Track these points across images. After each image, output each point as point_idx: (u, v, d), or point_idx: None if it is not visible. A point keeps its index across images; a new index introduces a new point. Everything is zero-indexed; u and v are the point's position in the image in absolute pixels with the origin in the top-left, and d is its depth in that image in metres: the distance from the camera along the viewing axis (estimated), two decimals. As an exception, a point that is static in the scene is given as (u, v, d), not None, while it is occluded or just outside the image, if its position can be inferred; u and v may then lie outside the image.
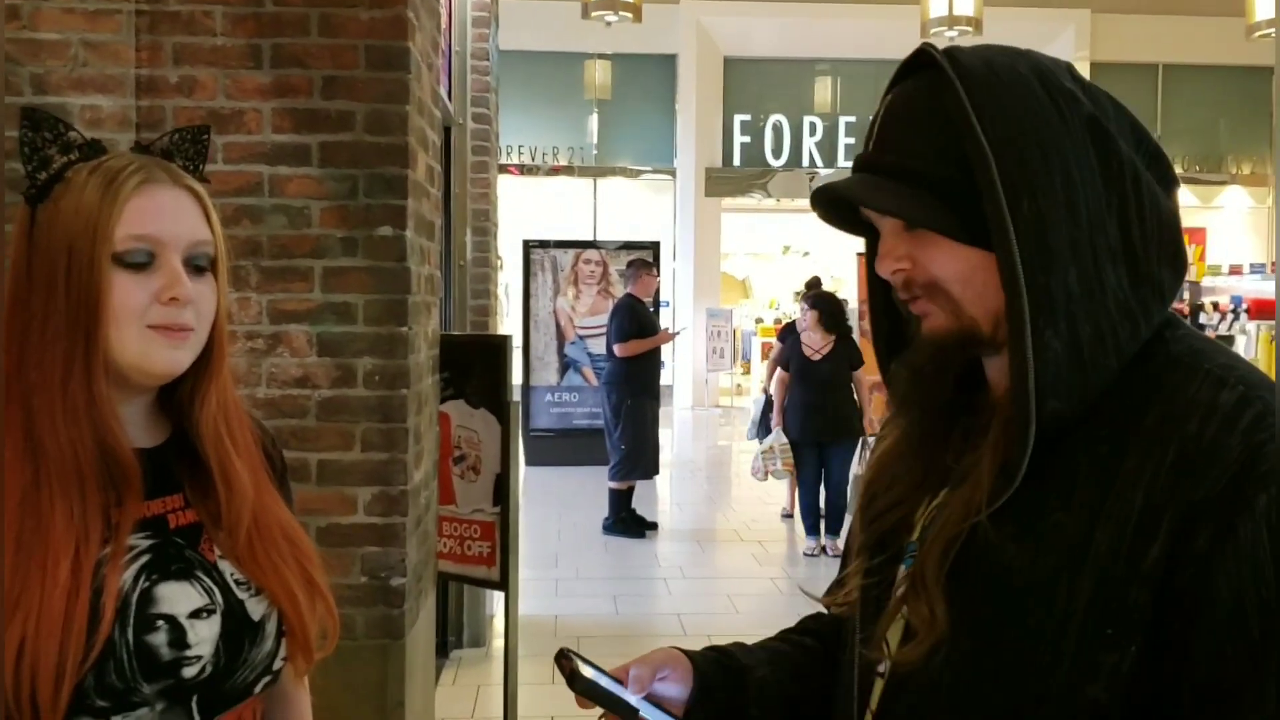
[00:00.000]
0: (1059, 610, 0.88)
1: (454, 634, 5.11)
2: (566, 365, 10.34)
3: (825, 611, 1.19)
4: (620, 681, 1.05)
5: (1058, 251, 0.90)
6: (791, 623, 1.25)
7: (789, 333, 7.38)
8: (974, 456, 0.96)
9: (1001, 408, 0.96)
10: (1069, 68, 0.98)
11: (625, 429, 7.44)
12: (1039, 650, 0.88)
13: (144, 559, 1.13)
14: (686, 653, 1.13)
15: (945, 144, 0.93)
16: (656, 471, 7.84)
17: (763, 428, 7.74)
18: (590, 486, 8.56)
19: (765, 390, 7.99)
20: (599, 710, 1.05)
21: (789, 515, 7.87)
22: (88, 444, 1.10)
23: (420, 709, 2.98)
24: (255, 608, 1.19)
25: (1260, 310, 11.76)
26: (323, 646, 1.28)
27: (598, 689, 1.01)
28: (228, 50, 2.57)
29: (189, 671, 1.12)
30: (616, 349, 7.48)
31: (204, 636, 1.13)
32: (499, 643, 5.34)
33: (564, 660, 1.01)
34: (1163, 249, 0.95)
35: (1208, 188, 15.51)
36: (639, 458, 7.48)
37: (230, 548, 1.19)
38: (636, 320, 7.52)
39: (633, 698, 1.02)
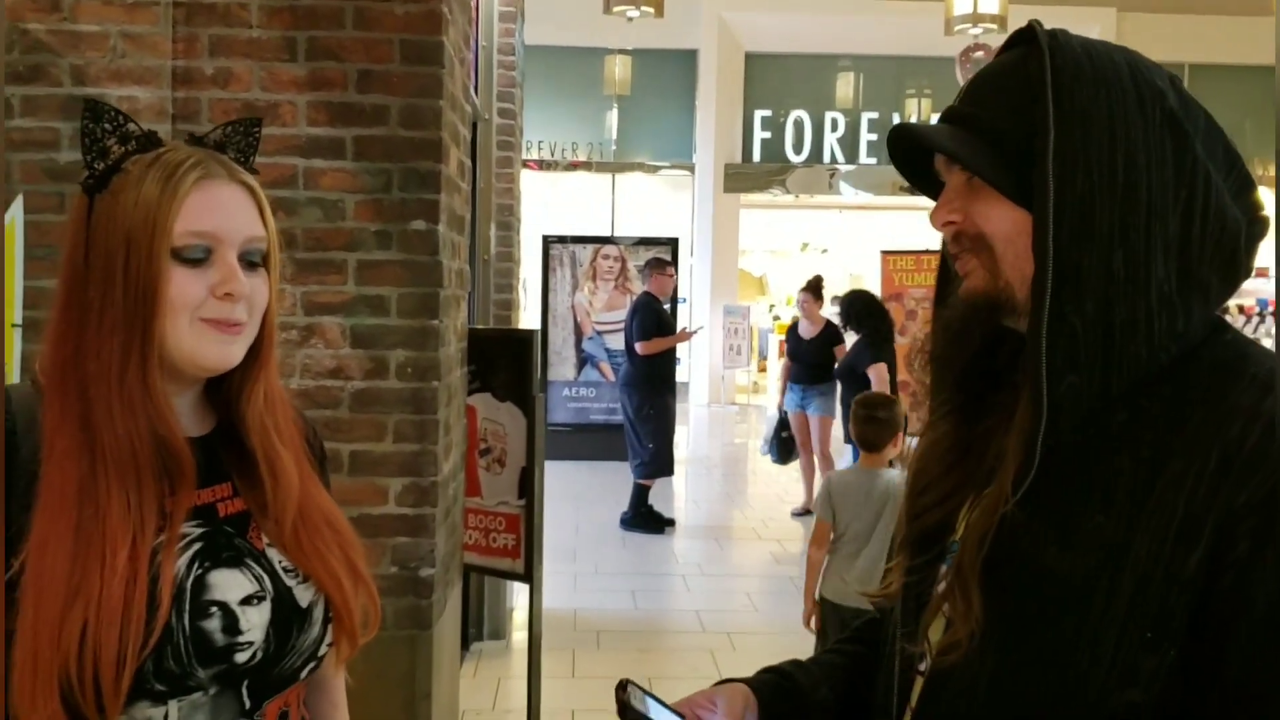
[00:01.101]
0: (1097, 613, 0.88)
1: (474, 627, 5.13)
2: (584, 360, 10.35)
3: (877, 616, 1.20)
4: (681, 715, 1.04)
5: (1102, 231, 0.91)
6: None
7: (791, 331, 7.96)
8: (1003, 443, 0.97)
9: (1024, 391, 0.97)
10: (1172, 77, 0.99)
11: (651, 428, 7.47)
12: (1077, 653, 0.89)
13: (196, 546, 1.15)
14: (747, 682, 1.13)
15: (1019, 105, 0.96)
16: (672, 471, 7.88)
17: (775, 447, 7.83)
18: (607, 482, 8.56)
19: (781, 409, 8.05)
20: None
21: (802, 513, 7.87)
22: (144, 434, 1.11)
23: (447, 700, 3.00)
24: (303, 594, 1.21)
25: (1282, 312, 11.68)
26: (365, 632, 1.30)
27: None
28: (263, 43, 2.59)
29: (241, 657, 1.14)
30: (638, 347, 7.49)
31: (255, 623, 1.16)
32: (519, 635, 5.36)
33: (620, 691, 1.00)
34: (1218, 253, 0.96)
35: (1231, 188, 15.40)
36: (665, 455, 7.53)
37: (277, 536, 1.21)
38: (656, 318, 7.54)
39: None
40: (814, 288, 7.83)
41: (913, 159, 1.08)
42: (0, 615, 1.02)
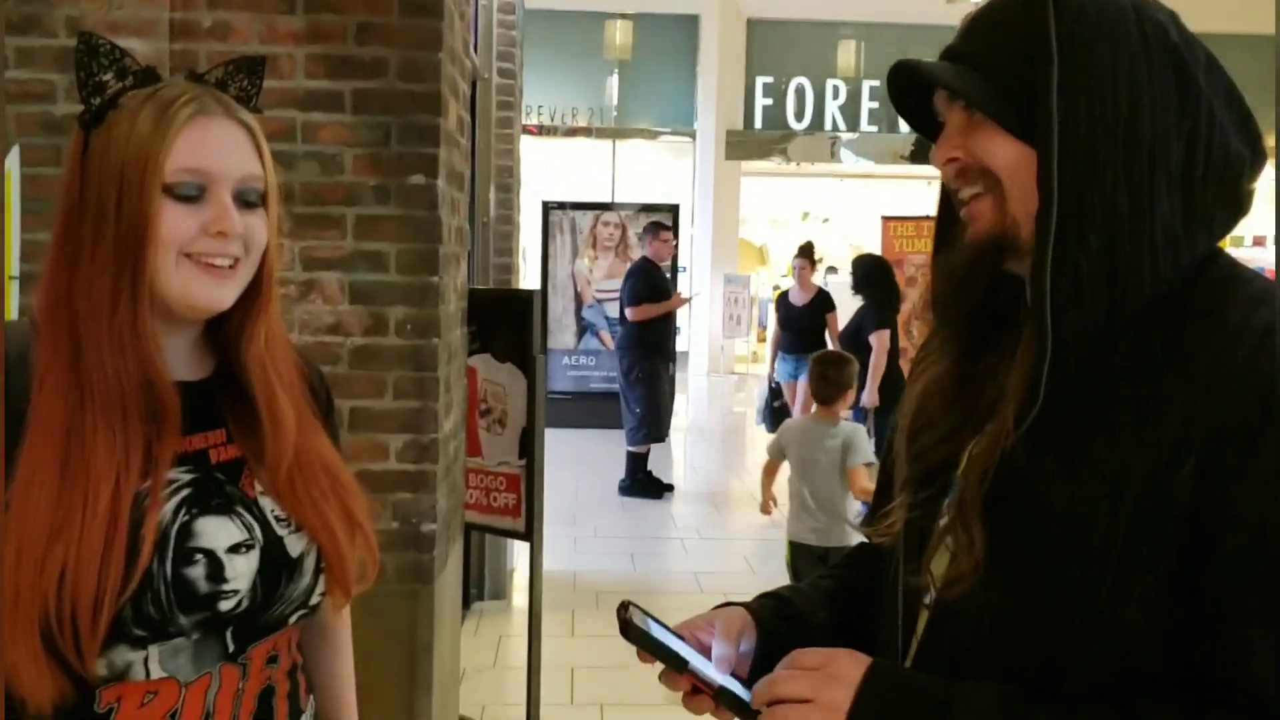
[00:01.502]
0: (1099, 536, 0.89)
1: (475, 587, 5.16)
2: (584, 328, 10.34)
3: (868, 543, 1.20)
4: (681, 637, 1.05)
5: (1105, 166, 0.91)
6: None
7: (782, 299, 7.83)
8: (1008, 379, 0.98)
9: (1029, 327, 0.97)
10: (1172, 13, 0.99)
11: (639, 393, 7.48)
12: (1079, 578, 0.90)
13: (184, 493, 1.14)
14: (746, 606, 1.14)
15: (1020, 39, 0.95)
16: (665, 436, 7.88)
17: (768, 416, 7.79)
18: (607, 449, 8.58)
19: (772, 379, 8.00)
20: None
21: None
22: (132, 375, 1.10)
23: (448, 654, 3.02)
24: (294, 544, 1.19)
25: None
26: (362, 581, 1.29)
27: (649, 640, 1.00)
28: (262, -5, 2.57)
29: (225, 605, 1.13)
30: (629, 312, 7.50)
31: (241, 571, 1.14)
32: (519, 596, 5.40)
33: (622, 610, 1.01)
34: (1222, 187, 0.96)
35: (1233, 157, 15.34)
36: (654, 421, 7.52)
37: (272, 483, 1.20)
38: (650, 283, 7.52)
39: (685, 650, 1.02)
40: (808, 253, 7.77)
41: (910, 101, 1.07)
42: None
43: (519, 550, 5.66)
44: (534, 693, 3.49)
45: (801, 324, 7.69)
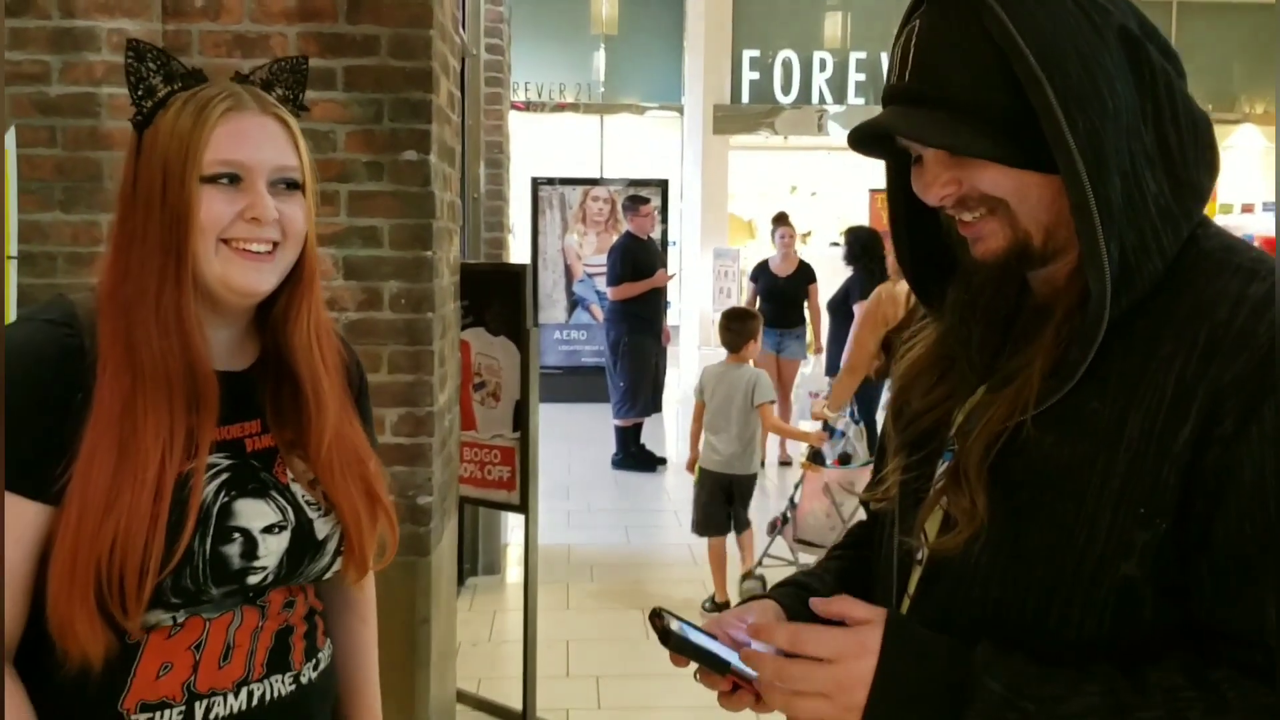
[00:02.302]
0: (1094, 492, 0.92)
1: (470, 562, 5.21)
2: (575, 303, 10.36)
3: (866, 519, 1.25)
4: (713, 636, 1.05)
5: (1108, 164, 0.92)
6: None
7: (762, 271, 7.73)
8: (1021, 359, 1.00)
9: (1055, 312, 0.99)
10: None
11: (623, 366, 7.51)
12: (1075, 531, 0.93)
13: (224, 476, 1.22)
14: (772, 597, 1.16)
15: (989, 68, 0.93)
16: (656, 409, 7.89)
17: None
18: (599, 423, 8.62)
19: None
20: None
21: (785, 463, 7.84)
22: (176, 359, 1.18)
23: (445, 626, 3.06)
24: (321, 527, 1.28)
25: (1271, 248, 11.73)
26: (380, 559, 1.38)
27: (688, 645, 1.01)
28: (252, -27, 2.58)
29: (254, 579, 1.23)
30: (609, 292, 7.52)
31: (273, 550, 1.23)
32: (513, 571, 5.44)
33: (656, 619, 1.01)
34: (1199, 154, 0.98)
35: (1221, 126, 15.34)
36: (638, 395, 7.54)
37: (314, 460, 1.27)
38: (630, 261, 7.52)
39: (724, 651, 1.03)
40: (787, 219, 7.72)
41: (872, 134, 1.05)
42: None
43: (513, 526, 5.70)
44: (530, 663, 3.54)
45: (786, 296, 7.69)
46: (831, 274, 7.85)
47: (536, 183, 10.26)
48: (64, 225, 2.58)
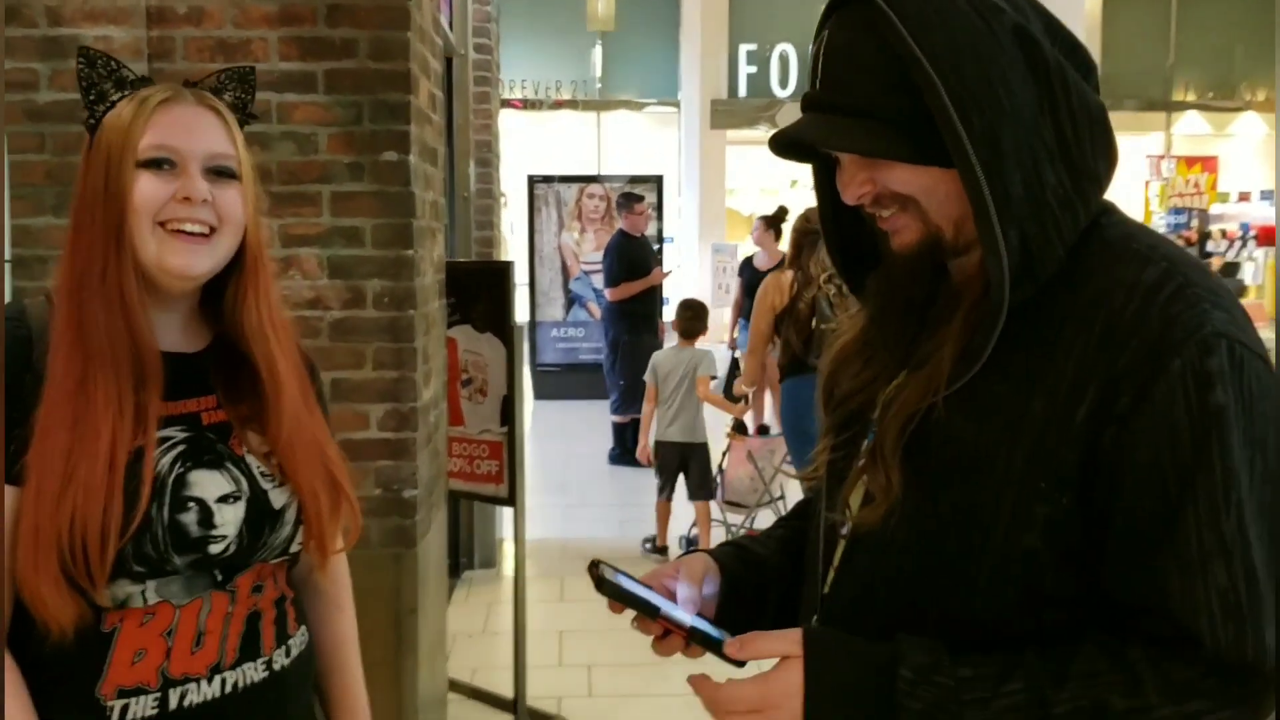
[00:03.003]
0: (1000, 470, 0.98)
1: (465, 556, 5.28)
2: (572, 300, 10.41)
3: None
4: (649, 587, 1.12)
5: (1007, 159, 0.98)
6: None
7: (746, 265, 7.85)
8: (934, 342, 1.06)
9: (964, 299, 1.05)
10: None
11: (622, 364, 7.56)
12: (982, 506, 0.99)
13: (180, 448, 1.27)
14: (709, 552, 1.23)
15: (890, 76, 1.00)
16: None
17: (729, 386, 7.75)
18: (596, 420, 8.68)
19: (733, 346, 7.94)
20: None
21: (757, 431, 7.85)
22: (121, 336, 1.23)
23: (433, 617, 3.13)
24: (277, 497, 1.32)
25: (1268, 237, 11.76)
26: (344, 543, 1.41)
27: (621, 591, 1.08)
28: (234, -20, 2.64)
29: (215, 549, 1.26)
30: (607, 293, 7.57)
31: (229, 519, 1.27)
32: (508, 564, 5.51)
33: (594, 569, 1.08)
34: (1095, 143, 1.03)
35: (1221, 114, 15.37)
36: (636, 392, 7.60)
37: (274, 441, 1.31)
38: (625, 261, 7.57)
39: (654, 598, 1.09)
40: (773, 220, 7.64)
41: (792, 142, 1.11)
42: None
43: (508, 521, 5.77)
44: (520, 651, 3.61)
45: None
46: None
47: (533, 180, 10.32)
48: (55, 229, 2.64)
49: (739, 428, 5.64)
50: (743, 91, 14.81)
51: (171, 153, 1.25)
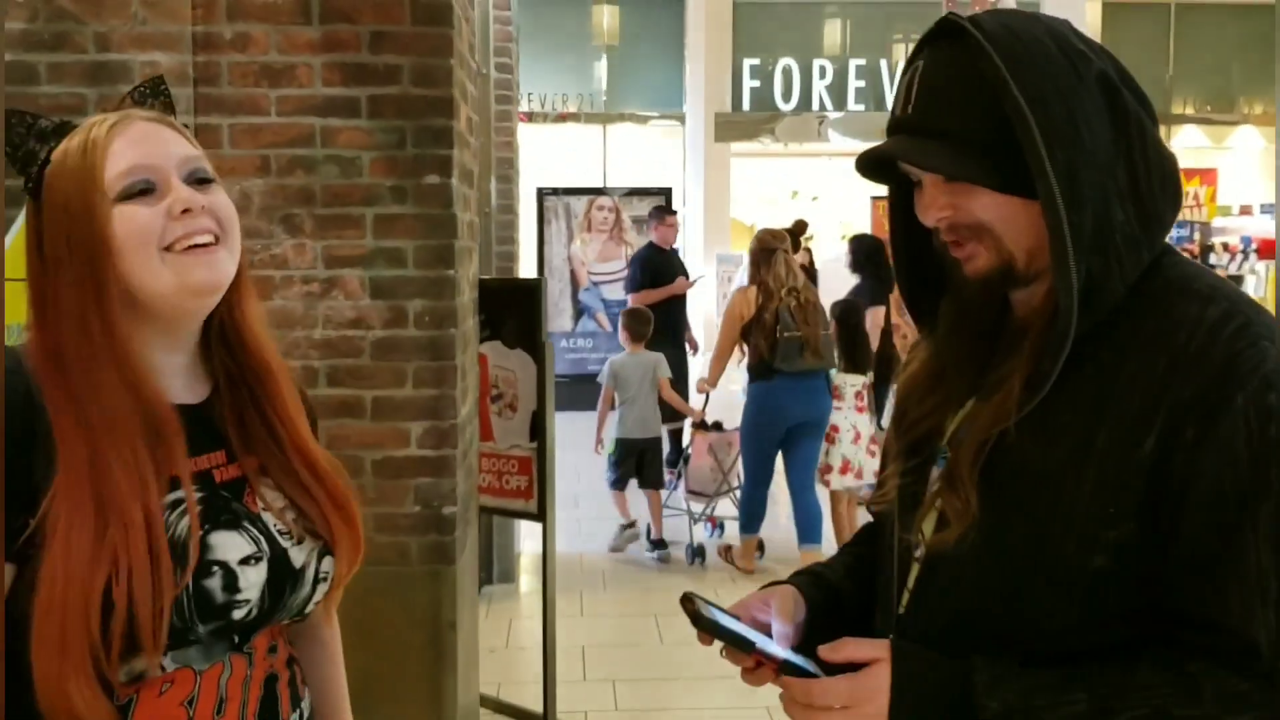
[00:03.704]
0: (1067, 494, 1.04)
1: (484, 570, 5.31)
2: (581, 311, 10.46)
3: (873, 521, 1.36)
4: (736, 617, 1.16)
5: (1083, 194, 1.04)
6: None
7: None
8: (1001, 372, 1.11)
9: (1031, 329, 1.10)
10: (1071, 27, 1.11)
11: None
12: (1051, 528, 1.05)
13: (198, 509, 1.17)
14: (791, 583, 1.28)
15: (981, 104, 1.05)
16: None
17: None
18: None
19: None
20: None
21: None
22: (123, 395, 1.12)
23: (469, 633, 3.16)
24: (297, 556, 1.23)
25: (1269, 250, 11.82)
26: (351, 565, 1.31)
27: (719, 628, 1.10)
28: (279, 7, 2.69)
29: (238, 614, 1.17)
30: (629, 299, 7.63)
31: (253, 582, 1.18)
32: (525, 579, 5.54)
33: (687, 604, 1.10)
34: (1164, 188, 1.09)
35: (1219, 128, 15.46)
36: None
37: (281, 482, 1.24)
38: (650, 270, 7.62)
39: (747, 632, 1.12)
40: (791, 234, 7.72)
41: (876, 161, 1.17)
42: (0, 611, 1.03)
43: (526, 535, 5.80)
44: (550, 666, 3.64)
45: None
46: (834, 279, 7.91)
47: (542, 193, 10.37)
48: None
49: (702, 425, 6.06)
50: (747, 104, 14.88)
51: (148, 171, 1.14)
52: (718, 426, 6.05)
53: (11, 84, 2.62)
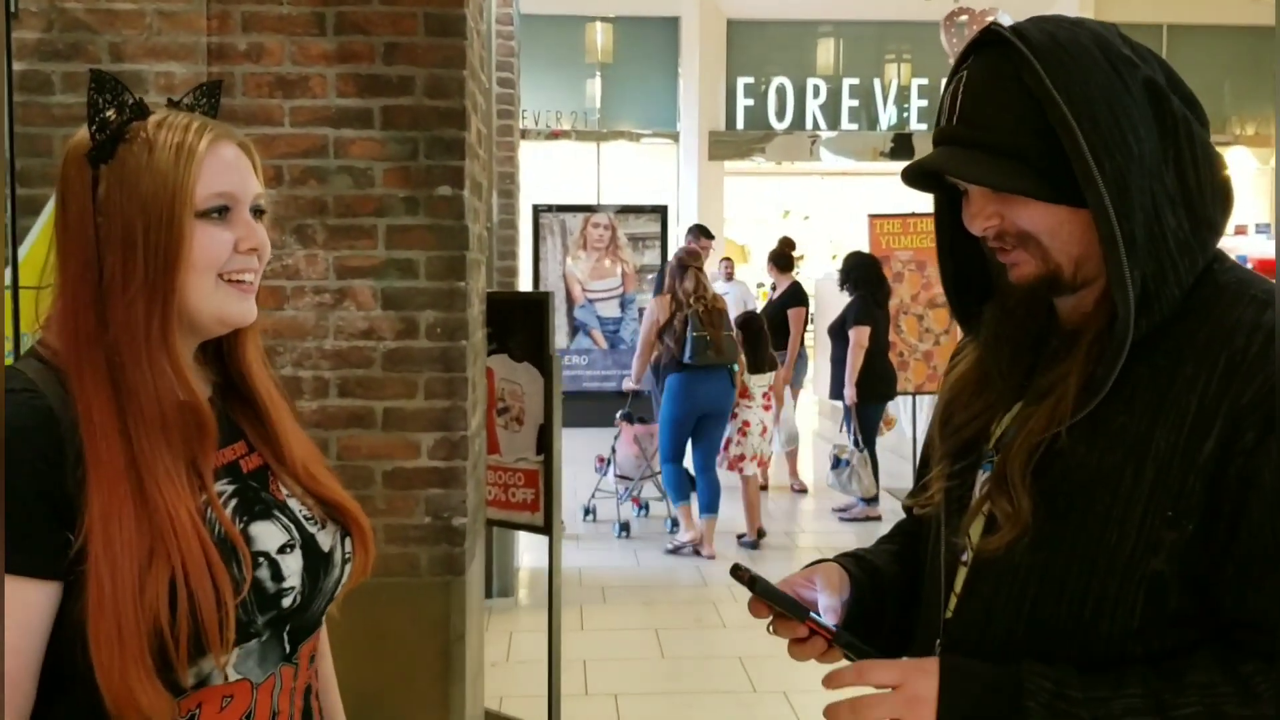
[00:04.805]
0: (1124, 496, 1.04)
1: (484, 584, 5.29)
2: (576, 328, 10.46)
3: (908, 516, 1.36)
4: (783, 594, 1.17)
5: (1134, 200, 1.04)
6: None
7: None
8: (1053, 375, 1.11)
9: (1085, 334, 1.11)
10: (1118, 31, 1.11)
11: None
12: (1108, 531, 1.04)
13: (234, 502, 1.19)
14: (835, 561, 1.29)
15: (1027, 115, 1.06)
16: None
17: None
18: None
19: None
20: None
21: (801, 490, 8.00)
22: (169, 396, 1.13)
23: (476, 644, 3.15)
24: (324, 540, 1.25)
25: (1264, 270, 11.91)
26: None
27: (775, 593, 1.13)
28: (293, 18, 2.70)
29: (286, 602, 1.18)
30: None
31: (293, 569, 1.20)
32: (524, 593, 5.52)
33: (740, 571, 1.13)
34: (1215, 193, 1.10)
35: (1210, 149, 15.56)
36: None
37: (293, 477, 1.26)
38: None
39: (802, 603, 1.15)
40: (776, 256, 8.11)
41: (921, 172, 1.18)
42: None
43: (526, 549, 5.79)
44: (555, 679, 3.62)
45: (769, 318, 7.77)
46: (826, 297, 7.95)
47: (537, 209, 10.38)
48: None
49: (628, 417, 6.96)
50: (740, 123, 14.95)
51: (229, 199, 1.17)
52: (642, 420, 7.03)
53: (25, 93, 2.62)
